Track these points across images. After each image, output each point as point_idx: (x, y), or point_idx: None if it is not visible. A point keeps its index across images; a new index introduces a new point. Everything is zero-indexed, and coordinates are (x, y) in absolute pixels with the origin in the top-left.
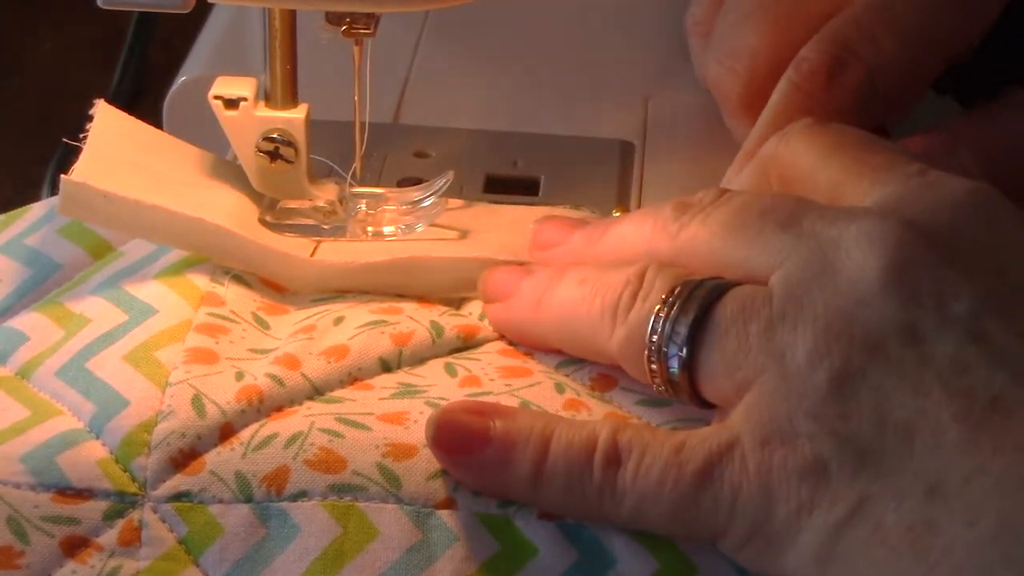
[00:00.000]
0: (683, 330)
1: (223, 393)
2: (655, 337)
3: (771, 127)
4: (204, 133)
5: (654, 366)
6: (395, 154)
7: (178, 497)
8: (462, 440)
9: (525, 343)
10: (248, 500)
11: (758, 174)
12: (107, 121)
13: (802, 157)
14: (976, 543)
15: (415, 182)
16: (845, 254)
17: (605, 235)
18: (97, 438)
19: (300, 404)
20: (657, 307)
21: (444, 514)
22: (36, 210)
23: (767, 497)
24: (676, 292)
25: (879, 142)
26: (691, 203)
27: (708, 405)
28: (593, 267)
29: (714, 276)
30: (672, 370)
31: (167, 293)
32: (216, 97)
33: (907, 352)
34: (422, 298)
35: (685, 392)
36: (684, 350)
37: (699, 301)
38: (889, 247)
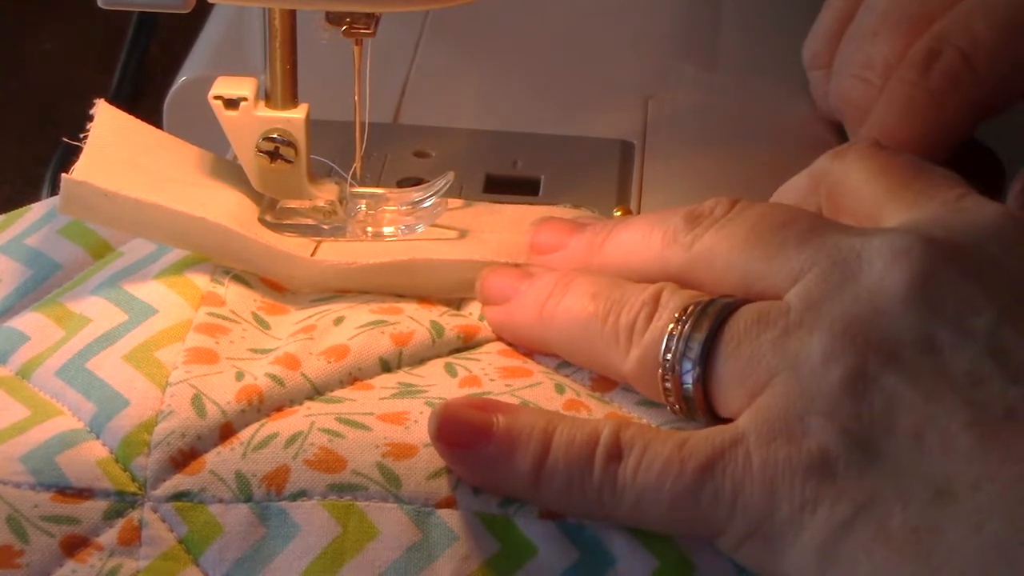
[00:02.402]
0: (696, 346)
1: (223, 393)
2: (669, 355)
3: (881, 117)
4: (204, 133)
5: (668, 384)
6: (395, 154)
7: (178, 497)
8: (464, 435)
9: (524, 347)
10: (248, 500)
11: (809, 185)
12: (107, 121)
13: (852, 175)
14: (981, 548)
15: (415, 182)
16: (867, 264)
17: (608, 242)
18: (97, 438)
19: (300, 404)
20: (671, 326)
21: (444, 513)
22: (36, 210)
23: (770, 494)
24: (688, 310)
25: (930, 168)
26: (703, 213)
27: (725, 422)
28: (604, 279)
29: (726, 294)
30: (686, 386)
31: (167, 293)
32: (216, 97)
33: (923, 361)
34: (422, 298)
35: (700, 408)
36: (698, 367)
37: (712, 317)
38: (913, 259)
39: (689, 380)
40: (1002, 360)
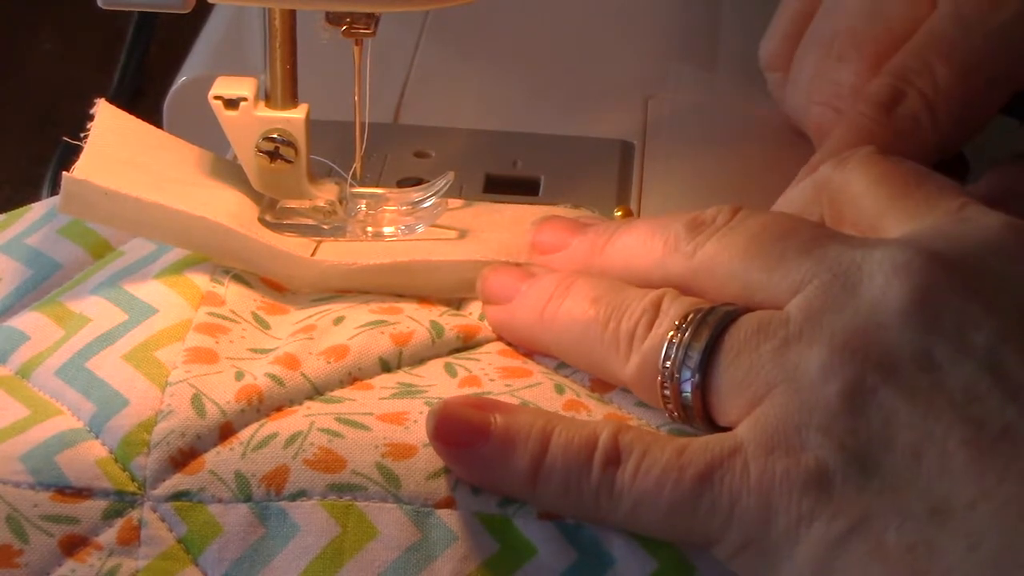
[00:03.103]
0: (696, 355)
1: (223, 393)
2: (668, 363)
3: (841, 148)
4: (204, 133)
5: (667, 391)
6: (395, 154)
7: (177, 496)
8: (462, 433)
9: (524, 347)
10: (247, 499)
11: (811, 194)
12: (108, 120)
13: (853, 184)
14: (976, 567)
15: (415, 182)
16: (868, 277)
17: (610, 245)
18: (97, 437)
19: (300, 404)
20: (671, 333)
21: (443, 513)
22: (37, 210)
23: (766, 506)
24: (689, 319)
25: (930, 177)
26: (705, 221)
27: (722, 430)
28: (606, 283)
29: (727, 302)
30: (685, 394)
31: (167, 293)
32: (216, 97)
33: (921, 376)
34: (422, 298)
35: (698, 416)
36: (697, 375)
37: (712, 326)
38: (913, 273)
39: (688, 388)
40: (1000, 377)
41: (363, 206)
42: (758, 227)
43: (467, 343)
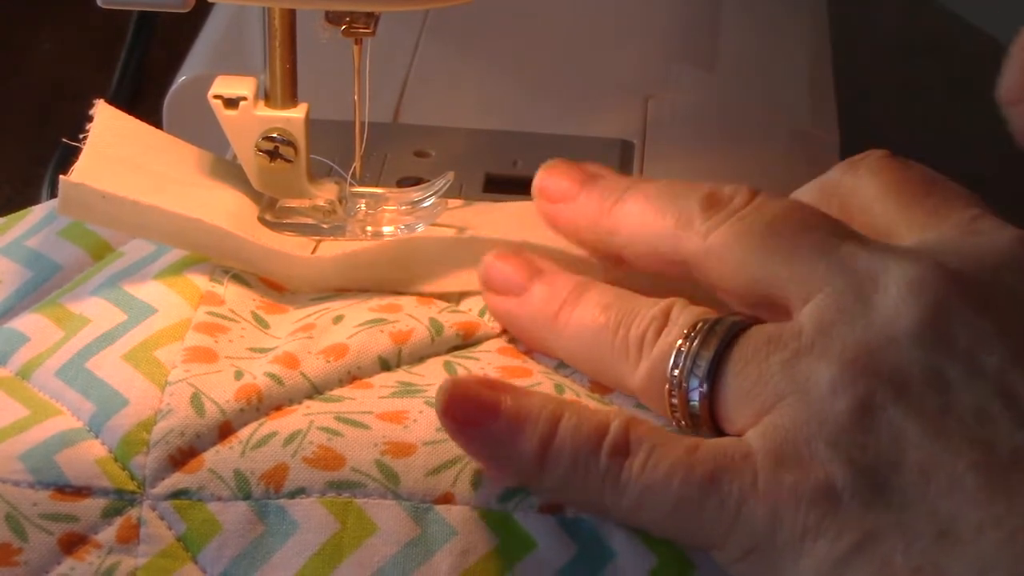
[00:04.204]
0: (704, 363)
1: (222, 392)
2: (676, 371)
3: None
4: (204, 133)
5: (675, 400)
6: (395, 154)
7: (177, 495)
8: (472, 411)
9: (528, 346)
10: (247, 497)
11: (819, 197)
12: (107, 121)
13: (864, 189)
14: None
15: (415, 182)
16: (883, 292)
17: (618, 207)
18: (96, 437)
19: (299, 403)
20: (679, 342)
21: (442, 509)
22: (36, 212)
23: (773, 516)
24: (698, 327)
25: (943, 184)
26: (721, 199)
27: None
28: (616, 291)
29: (736, 313)
30: (692, 403)
31: (166, 293)
32: (216, 97)
33: (932, 396)
34: (421, 295)
35: (706, 425)
36: (705, 384)
37: (720, 335)
38: (927, 290)
39: (696, 397)
40: (1011, 401)
41: (363, 205)
42: (775, 216)
43: (466, 340)
